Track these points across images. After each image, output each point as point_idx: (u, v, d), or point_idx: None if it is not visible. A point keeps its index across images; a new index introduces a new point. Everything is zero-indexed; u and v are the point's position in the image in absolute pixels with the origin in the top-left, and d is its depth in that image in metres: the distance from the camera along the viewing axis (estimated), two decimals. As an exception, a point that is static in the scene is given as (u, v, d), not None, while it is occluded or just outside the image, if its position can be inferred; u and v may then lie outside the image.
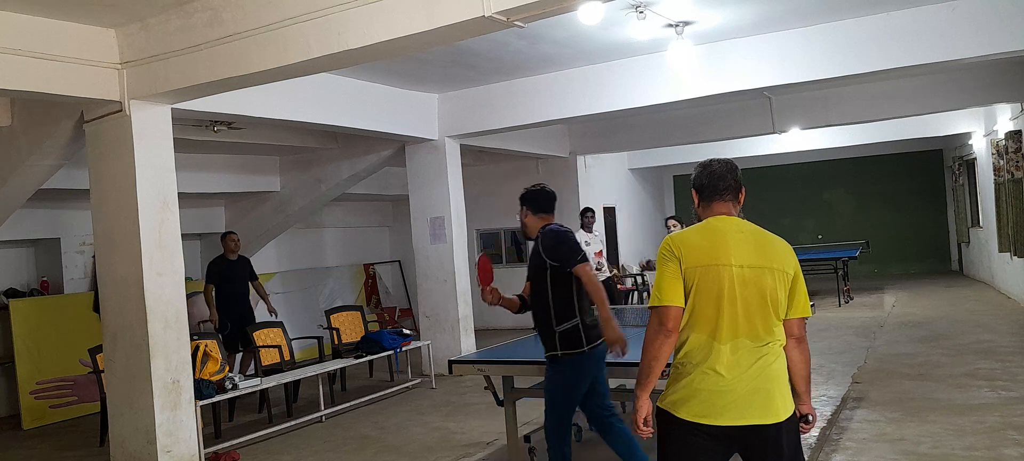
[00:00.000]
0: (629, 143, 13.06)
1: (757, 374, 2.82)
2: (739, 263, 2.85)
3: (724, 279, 2.83)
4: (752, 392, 2.81)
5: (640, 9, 6.37)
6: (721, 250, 2.86)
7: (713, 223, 2.95)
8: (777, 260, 2.88)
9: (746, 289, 2.83)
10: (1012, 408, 5.94)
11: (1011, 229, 11.19)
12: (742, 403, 2.80)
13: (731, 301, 2.82)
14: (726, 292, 2.82)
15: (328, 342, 9.63)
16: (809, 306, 2.94)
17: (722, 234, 2.90)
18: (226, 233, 9.15)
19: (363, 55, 4.75)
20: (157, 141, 5.64)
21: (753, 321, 2.83)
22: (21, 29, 4.94)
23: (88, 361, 7.40)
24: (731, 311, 2.82)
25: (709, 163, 3.05)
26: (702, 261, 2.85)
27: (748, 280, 2.83)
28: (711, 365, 2.82)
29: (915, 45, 7.01)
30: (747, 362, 2.82)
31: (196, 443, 5.78)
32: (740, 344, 2.82)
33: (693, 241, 2.90)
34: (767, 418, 2.81)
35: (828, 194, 18.35)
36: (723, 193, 2.98)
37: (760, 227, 2.98)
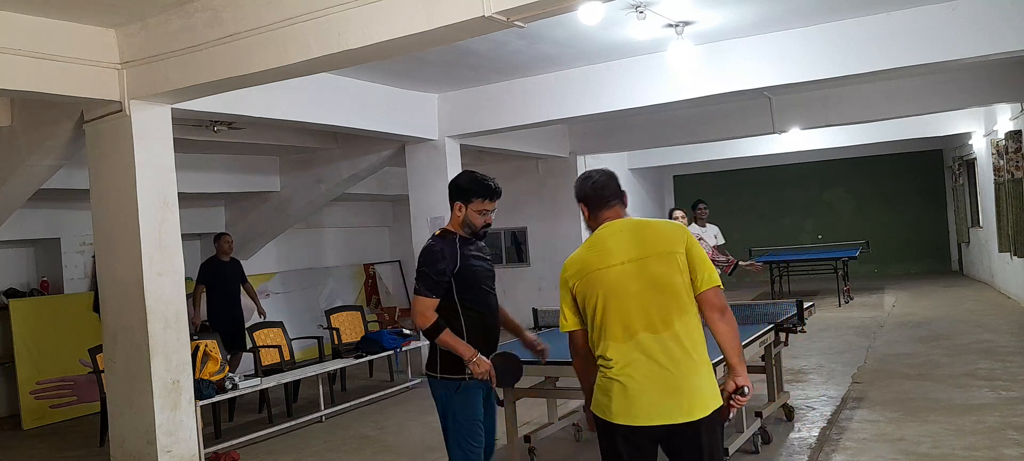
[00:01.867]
0: (629, 143, 13.06)
1: (663, 372, 2.82)
2: (621, 261, 2.88)
3: (608, 281, 2.88)
4: (662, 393, 2.81)
5: (640, 9, 6.37)
6: (602, 255, 2.92)
7: (599, 232, 3.02)
8: (662, 243, 2.88)
9: (633, 283, 2.85)
10: (1012, 408, 5.95)
11: (1011, 229, 11.19)
12: (651, 404, 2.81)
13: (620, 299, 2.86)
14: (612, 293, 2.87)
15: (328, 342, 9.63)
16: (716, 276, 2.93)
17: (603, 240, 2.97)
18: (220, 234, 9.15)
19: (363, 55, 4.74)
20: (157, 141, 5.64)
21: (650, 314, 2.84)
22: (21, 29, 4.94)
23: (88, 361, 7.40)
24: (622, 309, 2.85)
25: (588, 176, 3.11)
26: (585, 272, 2.93)
27: (632, 274, 2.86)
28: (617, 368, 2.86)
29: (915, 45, 7.01)
30: (651, 358, 2.83)
31: (196, 443, 5.78)
32: (640, 341, 2.84)
33: (579, 258, 3.00)
34: (678, 417, 2.80)
35: (828, 194, 18.34)
36: (609, 200, 3.05)
37: (642, 218, 3.03)
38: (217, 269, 8.89)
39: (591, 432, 3.15)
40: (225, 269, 8.97)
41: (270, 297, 11.46)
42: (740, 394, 2.90)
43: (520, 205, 13.20)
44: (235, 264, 9.17)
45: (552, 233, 13.04)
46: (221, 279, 8.90)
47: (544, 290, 13.02)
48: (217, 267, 8.90)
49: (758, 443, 5.43)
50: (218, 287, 8.86)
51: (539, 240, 13.23)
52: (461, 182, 3.94)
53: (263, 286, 11.43)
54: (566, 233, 12.87)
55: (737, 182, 17.84)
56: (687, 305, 2.87)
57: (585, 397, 3.11)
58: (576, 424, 6.20)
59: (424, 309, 3.78)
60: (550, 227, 13.04)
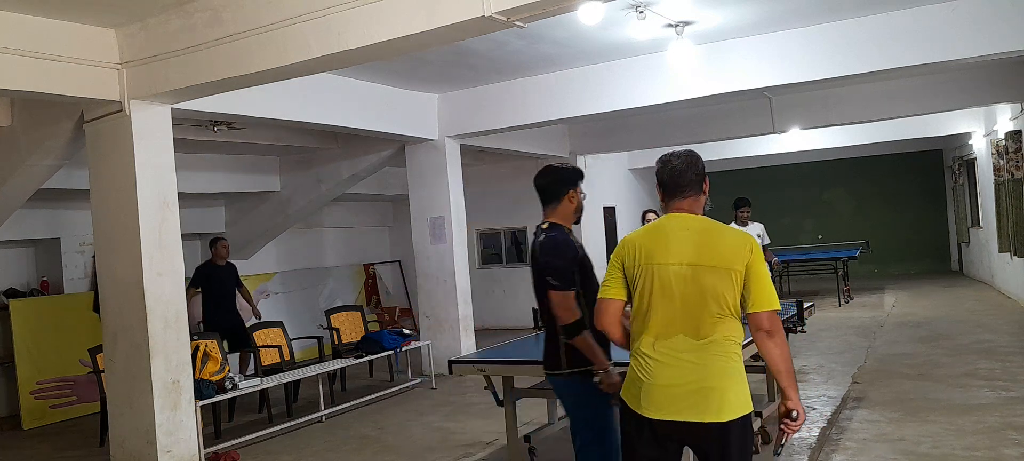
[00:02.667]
0: (629, 143, 13.07)
1: (695, 372, 2.84)
2: (678, 262, 2.88)
3: (663, 278, 2.89)
4: (691, 390, 2.83)
5: (640, 9, 6.37)
6: (661, 250, 2.91)
7: (663, 222, 3.01)
8: (720, 258, 2.87)
9: (685, 287, 2.86)
10: (1012, 408, 5.94)
11: (1011, 229, 11.19)
12: (680, 400, 2.84)
13: (669, 299, 2.87)
14: (663, 291, 2.88)
15: (328, 342, 9.63)
16: (775, 299, 2.90)
17: (666, 234, 2.95)
18: (217, 239, 9.12)
19: (363, 55, 4.75)
20: (157, 141, 5.64)
21: (693, 318, 2.85)
22: (21, 29, 4.94)
23: (88, 361, 7.40)
24: (669, 309, 2.88)
25: (668, 159, 3.06)
26: (642, 261, 2.93)
27: (687, 278, 2.86)
28: (651, 361, 2.90)
29: (915, 45, 7.01)
30: (686, 359, 2.85)
31: (196, 443, 5.78)
32: (678, 341, 2.86)
33: (640, 242, 2.97)
34: (705, 416, 2.82)
35: (828, 194, 18.35)
36: (684, 189, 3.00)
37: (715, 222, 2.98)
38: (212, 273, 8.86)
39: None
40: (221, 273, 8.95)
41: (270, 297, 11.46)
42: (790, 418, 2.91)
43: (520, 205, 13.15)
44: (231, 268, 9.15)
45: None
46: (217, 283, 8.87)
47: (544, 290, 13.01)
48: (212, 271, 8.88)
49: (758, 443, 5.43)
50: (214, 291, 8.83)
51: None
52: (565, 171, 3.91)
53: (263, 286, 11.43)
54: (566, 233, 12.86)
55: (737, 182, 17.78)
56: (731, 318, 2.88)
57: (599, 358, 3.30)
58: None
59: (570, 304, 3.60)
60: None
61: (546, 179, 3.87)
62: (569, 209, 3.84)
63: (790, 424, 2.92)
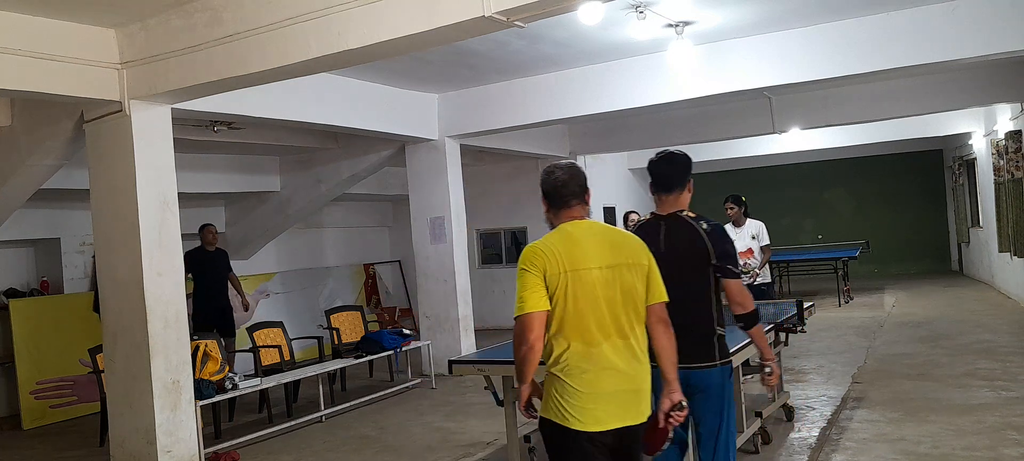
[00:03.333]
0: (629, 143, 13.06)
1: (628, 375, 2.89)
2: (599, 265, 2.90)
3: (587, 283, 2.87)
4: (625, 394, 2.89)
5: (640, 9, 6.37)
6: (583, 256, 2.90)
7: (571, 230, 2.98)
8: (632, 255, 2.97)
9: (609, 289, 2.89)
10: (1012, 408, 5.94)
11: (1011, 229, 11.19)
12: (617, 406, 2.87)
13: (597, 303, 2.87)
14: (589, 296, 2.87)
15: (328, 342, 9.62)
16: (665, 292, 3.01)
17: (578, 240, 2.94)
18: (204, 225, 9.10)
19: (363, 55, 4.75)
20: (157, 141, 5.64)
21: (620, 320, 2.90)
22: (21, 29, 4.94)
23: (88, 361, 7.40)
24: (598, 313, 2.88)
25: (552, 170, 3.08)
26: (564, 268, 2.88)
27: (610, 280, 2.90)
28: (587, 372, 2.85)
29: (915, 45, 7.01)
30: (618, 363, 2.88)
31: (196, 443, 5.78)
32: (613, 345, 2.88)
33: (555, 249, 2.92)
34: (637, 418, 2.91)
35: (828, 194, 18.35)
36: (570, 199, 3.03)
37: (607, 225, 3.09)
38: (202, 258, 8.84)
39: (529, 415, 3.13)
40: (211, 258, 8.94)
41: (270, 297, 11.46)
42: (679, 409, 2.99)
43: (520, 205, 13.19)
44: (221, 254, 9.13)
45: (552, 233, 13.02)
46: (209, 268, 8.87)
47: (544, 290, 13.01)
48: (202, 256, 8.86)
49: (758, 443, 5.43)
50: (205, 277, 8.83)
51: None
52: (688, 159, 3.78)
53: (263, 286, 11.43)
54: (566, 233, 12.86)
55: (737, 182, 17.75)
56: (643, 315, 2.96)
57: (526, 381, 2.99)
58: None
59: (748, 292, 3.62)
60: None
61: (674, 167, 3.72)
62: (688, 198, 3.75)
63: (677, 415, 3.00)
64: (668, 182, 3.70)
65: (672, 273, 3.45)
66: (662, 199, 3.70)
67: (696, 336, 3.56)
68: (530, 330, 2.87)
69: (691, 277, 3.57)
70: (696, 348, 3.55)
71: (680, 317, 3.44)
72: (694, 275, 3.58)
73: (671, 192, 3.68)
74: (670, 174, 3.70)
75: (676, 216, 3.68)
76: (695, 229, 3.61)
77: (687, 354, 3.52)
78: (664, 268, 3.43)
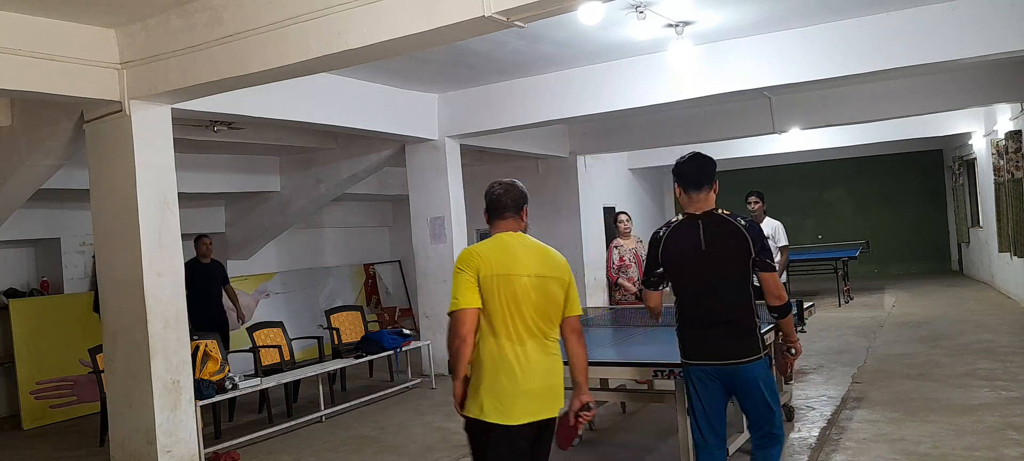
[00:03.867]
0: (629, 143, 13.05)
1: (547, 372, 3.26)
2: (528, 273, 3.26)
3: (517, 288, 3.22)
4: (544, 389, 3.24)
5: (640, 9, 6.37)
6: (515, 262, 3.26)
7: (506, 239, 3.36)
8: (557, 270, 3.34)
9: (535, 295, 3.25)
10: (1012, 408, 5.95)
11: (1011, 229, 11.19)
12: (537, 400, 3.21)
13: (524, 306, 3.22)
14: (516, 300, 3.21)
15: (328, 342, 9.63)
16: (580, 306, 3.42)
17: (512, 249, 3.31)
18: (200, 236, 9.10)
19: (363, 55, 4.75)
20: (157, 141, 5.64)
21: (541, 324, 3.26)
22: (21, 29, 4.94)
23: (88, 361, 7.40)
24: (524, 316, 3.22)
25: (492, 186, 3.47)
26: (497, 271, 3.23)
27: (537, 288, 3.26)
28: (516, 369, 3.19)
29: (915, 45, 7.00)
30: (539, 362, 3.24)
31: (196, 443, 5.78)
32: (537, 344, 3.25)
33: (490, 254, 3.28)
34: (553, 412, 3.28)
35: (828, 194, 18.34)
36: (504, 212, 3.41)
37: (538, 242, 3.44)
38: (197, 270, 8.84)
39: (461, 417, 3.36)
40: (206, 271, 8.94)
41: (270, 297, 11.47)
42: (586, 409, 3.31)
43: (520, 205, 13.17)
44: (217, 266, 9.13)
45: (552, 233, 13.01)
46: (203, 280, 8.86)
47: (544, 290, 13.00)
48: (195, 267, 8.85)
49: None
50: (198, 289, 8.82)
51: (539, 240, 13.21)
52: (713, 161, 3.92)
53: (263, 286, 11.44)
54: (566, 233, 12.86)
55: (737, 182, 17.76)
56: (557, 322, 3.34)
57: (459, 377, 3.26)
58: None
59: (781, 283, 3.81)
60: (550, 227, 13.01)
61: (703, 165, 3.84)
62: (714, 197, 3.87)
63: (585, 415, 3.32)
64: (698, 180, 3.80)
65: (716, 271, 3.68)
66: (692, 198, 3.80)
67: (742, 332, 3.71)
68: (462, 324, 3.17)
69: (734, 274, 3.70)
70: (743, 344, 3.70)
71: (726, 314, 3.67)
72: (736, 272, 3.70)
73: (701, 190, 3.78)
74: (700, 172, 3.81)
75: (712, 214, 3.78)
76: (734, 225, 3.73)
77: (735, 351, 3.68)
78: (707, 266, 3.67)
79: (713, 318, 3.72)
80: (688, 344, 3.82)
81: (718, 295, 3.73)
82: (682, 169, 3.85)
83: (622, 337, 6.13)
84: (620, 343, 5.94)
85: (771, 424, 3.78)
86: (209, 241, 9.07)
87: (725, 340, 3.71)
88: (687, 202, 3.82)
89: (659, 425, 6.35)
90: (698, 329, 3.77)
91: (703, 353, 3.76)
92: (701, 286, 3.76)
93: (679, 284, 3.83)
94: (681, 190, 3.84)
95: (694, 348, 3.80)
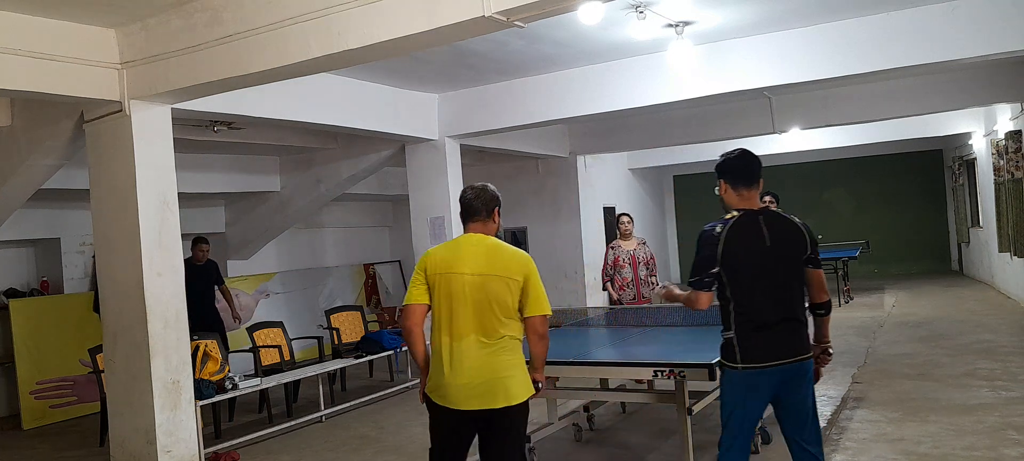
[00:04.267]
0: (629, 143, 13.06)
1: (484, 365, 3.45)
2: (470, 272, 3.49)
3: (455, 285, 3.49)
4: (481, 384, 3.44)
5: (640, 9, 6.37)
6: (458, 261, 3.53)
7: (459, 240, 3.66)
8: (504, 269, 3.50)
9: (476, 293, 3.47)
10: (1012, 408, 5.95)
11: (1011, 229, 11.19)
12: (474, 394, 3.45)
13: (464, 304, 3.47)
14: (456, 297, 3.48)
15: (328, 342, 9.63)
16: (547, 305, 3.57)
17: (461, 248, 3.58)
18: (199, 240, 9.01)
19: (363, 55, 4.75)
20: (157, 141, 5.64)
21: (482, 320, 3.47)
22: (21, 29, 4.94)
23: (88, 361, 7.40)
24: (463, 311, 3.47)
25: (465, 191, 3.72)
26: (441, 270, 3.54)
27: (476, 285, 3.47)
28: (448, 359, 3.49)
29: (915, 45, 7.00)
30: (475, 357, 3.45)
31: (196, 443, 5.78)
32: (472, 340, 3.46)
33: (440, 254, 3.62)
34: (494, 403, 3.46)
35: (828, 194, 18.33)
36: (475, 215, 3.65)
37: (500, 242, 3.62)
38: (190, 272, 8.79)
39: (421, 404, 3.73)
40: (199, 272, 8.90)
41: (270, 297, 11.47)
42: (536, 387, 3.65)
43: (520, 205, 13.19)
44: (211, 266, 9.08)
45: (552, 233, 13.05)
46: (199, 281, 8.82)
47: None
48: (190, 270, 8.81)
49: (758, 443, 5.43)
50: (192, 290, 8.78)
51: (539, 240, 13.22)
52: None
53: (263, 286, 11.44)
54: (566, 233, 12.87)
55: (737, 182, 17.85)
56: (512, 319, 3.51)
57: (421, 366, 3.70)
58: (576, 424, 6.20)
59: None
60: (550, 227, 13.04)
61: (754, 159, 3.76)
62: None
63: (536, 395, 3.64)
64: (753, 175, 3.69)
65: (780, 268, 3.60)
66: (743, 194, 3.67)
67: (803, 327, 3.67)
68: (408, 318, 3.58)
69: (796, 269, 3.66)
70: (804, 341, 3.67)
71: (792, 310, 3.61)
72: (798, 267, 3.66)
73: (753, 185, 3.68)
74: (753, 166, 3.71)
75: (768, 210, 3.71)
76: (793, 222, 3.69)
77: (798, 348, 3.63)
78: (775, 262, 3.57)
79: (780, 314, 3.56)
80: (751, 346, 3.53)
81: (786, 291, 3.59)
82: (734, 164, 3.71)
83: (621, 337, 6.13)
84: (620, 343, 5.94)
85: (815, 424, 3.67)
86: (205, 247, 8.98)
87: (790, 337, 3.59)
88: (737, 199, 3.66)
89: (659, 425, 6.36)
90: (764, 328, 3.54)
91: (768, 354, 3.53)
92: (768, 283, 3.55)
93: (741, 282, 3.55)
94: (729, 186, 3.68)
95: (759, 349, 3.53)
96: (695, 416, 4.82)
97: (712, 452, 5.31)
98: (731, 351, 3.58)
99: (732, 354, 3.57)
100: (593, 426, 6.39)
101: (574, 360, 5.26)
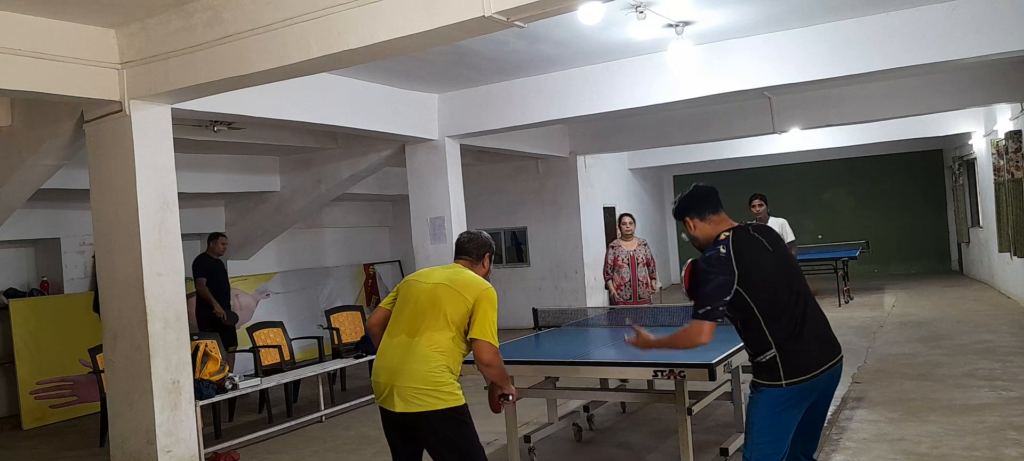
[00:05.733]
0: (629, 143, 13.06)
1: (403, 361, 3.51)
2: (429, 282, 3.67)
3: (413, 290, 3.69)
4: (403, 386, 3.49)
5: (640, 9, 6.37)
6: (426, 275, 3.77)
7: (444, 265, 3.90)
8: (459, 285, 3.61)
9: (425, 298, 3.60)
10: (1012, 408, 5.95)
11: (1011, 229, 11.19)
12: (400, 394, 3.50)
13: (412, 306, 3.62)
14: (410, 300, 3.65)
15: (328, 342, 9.63)
16: (493, 335, 3.56)
17: (436, 269, 3.85)
18: (218, 234, 9.11)
19: (363, 55, 4.75)
20: (157, 141, 5.64)
21: (416, 321, 3.56)
22: (21, 29, 4.94)
23: (88, 361, 7.40)
24: (407, 313, 3.62)
25: (461, 235, 3.94)
26: (410, 279, 3.79)
27: (429, 292, 3.62)
28: (379, 355, 3.64)
29: (915, 45, 7.01)
30: (398, 357, 3.54)
31: (196, 443, 5.78)
32: (400, 341, 3.57)
33: (416, 273, 3.88)
34: (410, 407, 3.48)
35: (828, 194, 18.34)
36: (461, 254, 3.86)
37: (475, 274, 3.74)
38: (211, 266, 8.88)
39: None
40: (219, 267, 8.96)
41: (270, 297, 11.47)
42: (505, 398, 3.79)
43: (520, 205, 13.20)
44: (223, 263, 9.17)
45: (552, 233, 13.05)
46: (216, 276, 8.89)
47: (544, 290, 13.02)
48: (210, 264, 8.89)
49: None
50: (215, 282, 8.86)
51: (539, 240, 13.24)
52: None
53: (263, 286, 11.44)
54: (566, 233, 12.88)
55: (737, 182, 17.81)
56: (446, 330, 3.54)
57: None
58: (576, 424, 6.20)
59: None
60: (550, 227, 13.05)
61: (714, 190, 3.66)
62: None
63: (506, 401, 3.81)
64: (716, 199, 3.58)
65: (788, 269, 3.46)
66: (713, 220, 3.52)
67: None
68: (373, 317, 3.85)
69: (797, 268, 3.53)
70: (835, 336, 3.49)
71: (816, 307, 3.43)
72: (797, 266, 3.57)
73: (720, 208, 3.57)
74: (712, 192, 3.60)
75: (757, 225, 3.60)
76: (769, 227, 3.63)
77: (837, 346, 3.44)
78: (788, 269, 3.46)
79: (815, 316, 3.37)
80: (800, 357, 3.27)
81: (808, 293, 3.41)
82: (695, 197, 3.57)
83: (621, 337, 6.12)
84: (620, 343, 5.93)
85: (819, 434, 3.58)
86: (225, 241, 9.13)
87: (830, 336, 3.40)
88: (712, 227, 3.49)
89: (659, 425, 6.36)
90: (808, 336, 3.31)
91: (819, 360, 3.30)
92: (786, 288, 3.36)
93: (763, 294, 3.30)
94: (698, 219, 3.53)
95: (811, 358, 3.29)
96: (695, 416, 4.82)
97: (713, 452, 5.32)
98: (774, 370, 3.26)
99: (775, 373, 3.26)
100: (593, 426, 6.39)
101: (574, 360, 5.26)
